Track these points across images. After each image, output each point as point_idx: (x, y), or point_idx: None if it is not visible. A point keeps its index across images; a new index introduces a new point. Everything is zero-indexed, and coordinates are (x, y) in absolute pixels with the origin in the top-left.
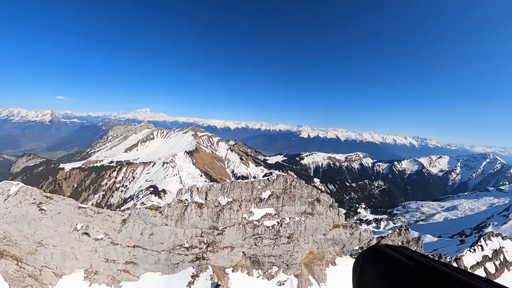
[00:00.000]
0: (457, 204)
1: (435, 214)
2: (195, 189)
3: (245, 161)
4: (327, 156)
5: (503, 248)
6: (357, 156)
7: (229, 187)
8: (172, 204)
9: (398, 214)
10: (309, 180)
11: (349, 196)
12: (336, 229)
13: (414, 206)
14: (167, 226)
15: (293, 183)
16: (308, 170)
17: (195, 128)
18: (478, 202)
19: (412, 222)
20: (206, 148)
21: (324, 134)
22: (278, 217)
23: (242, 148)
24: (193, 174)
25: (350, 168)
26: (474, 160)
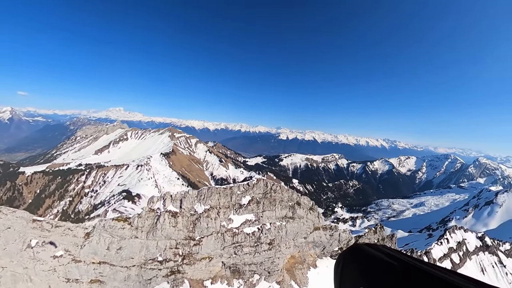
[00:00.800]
0: (424, 201)
1: (405, 210)
2: (169, 197)
3: (224, 163)
4: (305, 157)
5: (465, 239)
6: (333, 157)
7: (206, 194)
8: (143, 214)
9: (372, 211)
10: (288, 181)
11: (326, 195)
12: (316, 232)
13: (386, 203)
14: (137, 238)
15: (274, 187)
16: (287, 171)
17: (172, 129)
18: (442, 198)
19: (384, 219)
20: (183, 150)
21: (302, 136)
22: (259, 223)
23: (222, 149)
24: (170, 177)
25: (326, 169)
26: (438, 160)
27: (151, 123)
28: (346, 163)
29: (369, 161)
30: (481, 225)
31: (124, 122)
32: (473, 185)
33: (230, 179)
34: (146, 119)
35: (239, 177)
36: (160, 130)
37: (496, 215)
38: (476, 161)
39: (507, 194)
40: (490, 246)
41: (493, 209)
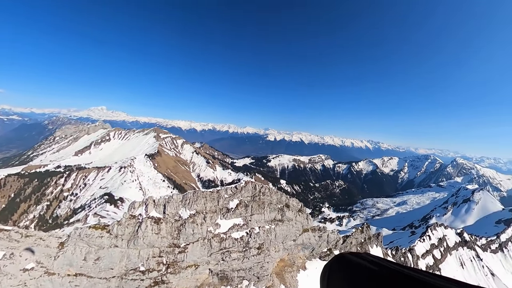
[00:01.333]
0: (406, 200)
1: (389, 209)
2: (151, 202)
3: (211, 164)
4: (292, 158)
5: (446, 236)
6: (320, 158)
7: (192, 198)
8: (123, 221)
9: (357, 210)
10: (276, 182)
11: (313, 196)
12: (305, 234)
13: (370, 202)
14: (117, 247)
15: (262, 189)
16: (275, 172)
17: (158, 129)
18: (423, 197)
19: (369, 218)
20: (169, 151)
21: (290, 137)
22: (247, 227)
23: (209, 150)
24: (155, 179)
25: (313, 169)
26: (419, 160)
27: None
28: (332, 164)
29: (354, 162)
30: (460, 222)
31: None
32: (452, 184)
33: (218, 181)
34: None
35: (226, 179)
36: (145, 130)
37: (473, 212)
38: (454, 162)
39: (482, 192)
40: (468, 241)
41: (470, 206)
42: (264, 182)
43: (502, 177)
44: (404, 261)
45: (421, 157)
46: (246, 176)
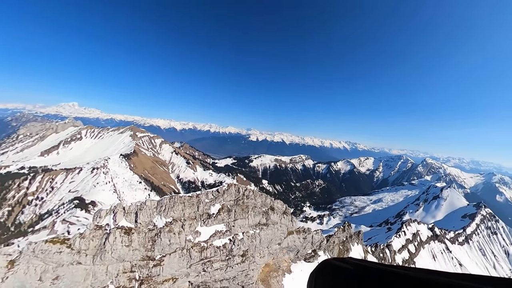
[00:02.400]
0: (382, 197)
1: (366, 206)
2: (120, 210)
3: (192, 165)
4: (274, 158)
5: (419, 231)
6: (300, 158)
7: (168, 204)
8: (87, 233)
9: (337, 208)
10: (258, 182)
11: (294, 195)
12: (290, 236)
13: (348, 201)
14: (80, 264)
15: (246, 192)
16: (257, 172)
17: (134, 128)
18: (397, 195)
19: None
20: (146, 151)
21: (271, 138)
22: (230, 233)
23: (189, 151)
24: (131, 181)
25: (294, 169)
26: (392, 160)
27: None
28: (312, 164)
29: (333, 162)
30: (430, 217)
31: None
32: (422, 182)
33: (198, 182)
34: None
35: (207, 179)
36: (120, 129)
37: (442, 207)
38: (424, 161)
39: (450, 190)
40: (439, 235)
41: (439, 202)
42: (246, 182)
43: (465, 176)
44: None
45: (394, 157)
46: (227, 176)
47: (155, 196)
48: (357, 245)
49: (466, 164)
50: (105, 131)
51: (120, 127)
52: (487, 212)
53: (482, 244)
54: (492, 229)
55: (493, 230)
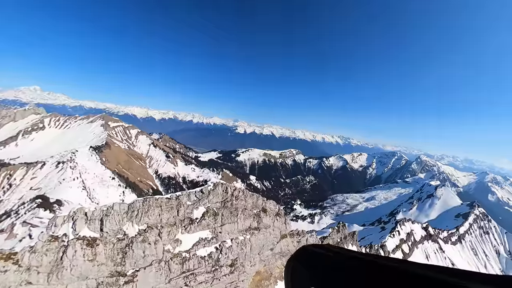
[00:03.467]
0: (375, 195)
1: (358, 204)
2: (81, 216)
3: (172, 158)
4: (263, 152)
5: (413, 230)
6: (291, 153)
7: (141, 208)
8: (39, 246)
9: (328, 206)
10: (245, 178)
11: (284, 192)
12: (283, 240)
13: (340, 198)
14: (31, 285)
15: (235, 192)
16: (244, 167)
17: (107, 117)
18: (390, 193)
19: (340, 213)
20: (120, 143)
21: (260, 131)
22: (217, 240)
23: (169, 143)
24: (102, 177)
25: (284, 165)
26: (386, 157)
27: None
28: (303, 159)
29: (325, 157)
30: (424, 216)
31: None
32: (416, 180)
33: (179, 178)
34: (72, 103)
35: (189, 175)
36: (90, 117)
37: (436, 206)
38: (418, 159)
39: (444, 188)
40: (433, 235)
41: (433, 201)
42: (232, 178)
43: (459, 174)
44: None
45: (388, 154)
46: (212, 172)
47: (131, 193)
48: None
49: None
50: (73, 120)
51: (90, 116)
52: (480, 212)
53: (475, 243)
54: (485, 229)
55: (485, 230)
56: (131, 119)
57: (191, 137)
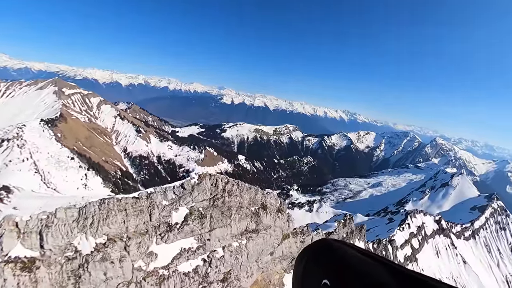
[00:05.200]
0: (381, 181)
1: (362, 191)
2: (9, 228)
3: (144, 134)
4: (254, 128)
5: (424, 223)
6: (287, 129)
7: (98, 214)
8: None
9: (328, 192)
10: (233, 157)
11: (277, 174)
12: (286, 241)
13: (342, 183)
14: None
15: (228, 187)
16: (231, 145)
17: (60, 82)
18: (399, 179)
19: (341, 200)
20: (79, 115)
21: (251, 101)
22: (204, 250)
23: (140, 114)
24: (59, 157)
25: (278, 143)
26: (397, 137)
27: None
28: (301, 137)
29: (327, 135)
30: (436, 207)
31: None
32: (429, 166)
33: (153, 157)
34: (16, 65)
35: (165, 154)
36: (39, 83)
37: (450, 197)
38: (433, 141)
39: (461, 177)
40: (445, 229)
41: (447, 191)
42: (218, 158)
43: (477, 161)
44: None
45: (399, 134)
46: (193, 150)
47: (95, 176)
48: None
49: (479, 148)
50: (17, 86)
51: (40, 80)
52: (499, 206)
53: (489, 240)
54: (501, 224)
55: (502, 226)
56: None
57: (167, 108)
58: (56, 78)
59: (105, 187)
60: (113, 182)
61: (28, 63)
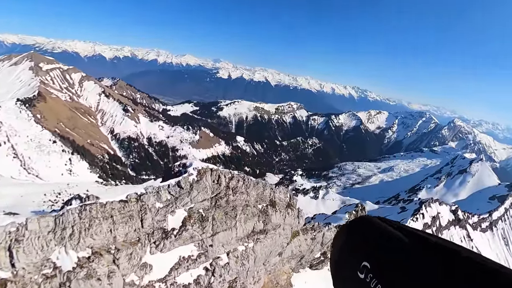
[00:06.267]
0: (393, 165)
1: (372, 176)
2: None
3: (133, 113)
4: (253, 106)
5: (440, 213)
6: (290, 107)
7: (78, 223)
8: None
9: (334, 177)
10: (230, 139)
11: (279, 157)
12: (295, 240)
13: (350, 167)
14: None
15: (233, 183)
16: (228, 125)
17: (37, 56)
18: (413, 163)
19: (348, 186)
20: (60, 93)
21: (250, 76)
22: (207, 258)
23: (127, 91)
24: (39, 141)
25: (281, 122)
26: (412, 118)
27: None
28: (306, 116)
29: (334, 114)
30: (451, 195)
31: None
32: (446, 150)
33: (143, 138)
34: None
35: (157, 135)
36: (13, 58)
37: (467, 185)
38: (451, 123)
39: (480, 163)
40: (462, 219)
41: (465, 178)
42: (214, 140)
43: (498, 146)
44: None
45: (414, 114)
46: (186, 131)
47: (80, 161)
48: None
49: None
50: None
51: (13, 55)
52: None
53: (507, 232)
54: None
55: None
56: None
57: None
58: (32, 52)
59: (92, 173)
60: (100, 167)
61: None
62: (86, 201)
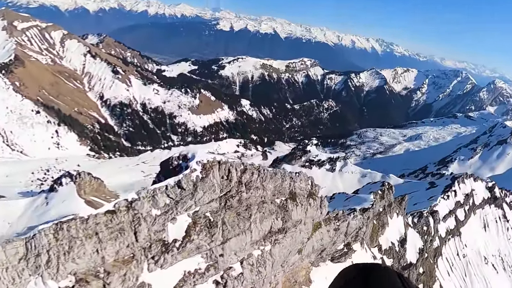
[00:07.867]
0: (421, 133)
1: (396, 145)
2: None
3: (123, 75)
4: (260, 63)
5: (474, 190)
6: (303, 64)
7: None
8: None
9: (353, 145)
10: (234, 103)
11: (290, 123)
12: (316, 233)
13: (371, 135)
14: None
15: (245, 177)
16: (232, 86)
17: (11, 13)
18: (444, 131)
19: (368, 156)
20: (39, 55)
21: (256, 27)
22: (216, 270)
23: (116, 49)
24: (21, 112)
25: (292, 82)
26: (445, 77)
27: None
28: (321, 74)
29: (354, 72)
30: (488, 169)
31: None
32: (484, 116)
33: (137, 104)
34: None
35: (152, 100)
36: None
37: (507, 158)
38: (491, 84)
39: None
40: (498, 198)
41: (504, 150)
42: (216, 104)
43: None
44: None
45: (448, 73)
46: (184, 94)
47: (68, 132)
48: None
49: None
50: None
51: None
52: None
53: None
54: None
55: None
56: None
57: (148, 38)
58: (4, 9)
59: (82, 145)
60: (91, 138)
61: None
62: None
